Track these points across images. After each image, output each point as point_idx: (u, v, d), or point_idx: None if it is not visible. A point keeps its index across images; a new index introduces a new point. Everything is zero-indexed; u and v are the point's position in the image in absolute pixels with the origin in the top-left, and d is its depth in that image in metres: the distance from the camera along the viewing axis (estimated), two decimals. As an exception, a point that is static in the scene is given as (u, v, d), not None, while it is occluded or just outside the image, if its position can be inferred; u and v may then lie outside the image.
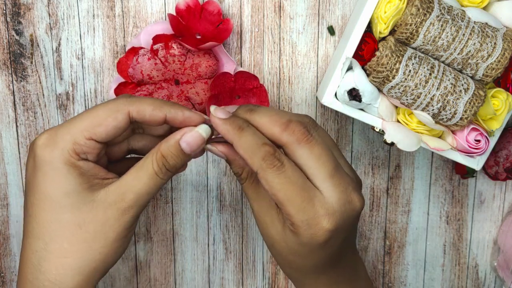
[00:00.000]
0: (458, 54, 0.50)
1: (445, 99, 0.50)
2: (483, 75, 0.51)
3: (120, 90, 0.54)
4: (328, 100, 0.51)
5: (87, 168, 0.42)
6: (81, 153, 0.41)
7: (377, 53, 0.49)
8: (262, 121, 0.43)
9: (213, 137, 0.44)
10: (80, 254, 0.42)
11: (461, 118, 0.51)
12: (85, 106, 0.56)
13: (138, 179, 0.42)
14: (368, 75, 0.50)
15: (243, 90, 0.54)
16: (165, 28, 0.54)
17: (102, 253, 0.42)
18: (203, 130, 0.43)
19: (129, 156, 0.48)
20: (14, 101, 0.56)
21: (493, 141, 0.54)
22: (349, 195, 0.43)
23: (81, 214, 0.41)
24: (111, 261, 0.43)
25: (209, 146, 0.44)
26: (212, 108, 0.43)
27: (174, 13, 0.54)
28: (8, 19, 0.54)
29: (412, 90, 0.50)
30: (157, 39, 0.53)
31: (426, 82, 0.49)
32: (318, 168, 0.42)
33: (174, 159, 0.43)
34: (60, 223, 0.41)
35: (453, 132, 0.53)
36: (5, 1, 0.54)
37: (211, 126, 0.44)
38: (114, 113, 0.42)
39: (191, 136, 0.42)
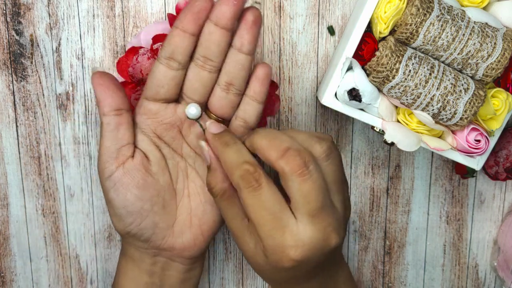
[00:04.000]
0: (458, 54, 0.50)
1: (445, 99, 0.50)
2: (483, 75, 0.51)
3: (120, 90, 0.54)
4: (328, 100, 0.51)
5: None
6: None
7: (377, 53, 0.49)
8: (261, 143, 0.43)
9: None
10: None
11: (461, 118, 0.51)
12: (85, 106, 0.56)
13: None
14: (368, 75, 0.50)
15: None
16: (165, 28, 0.54)
17: None
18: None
19: None
20: (14, 101, 0.56)
21: (493, 141, 0.54)
22: (326, 234, 0.43)
23: None
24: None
25: (203, 144, 0.46)
26: (208, 123, 0.46)
27: (174, 13, 0.54)
28: (8, 19, 0.54)
29: (412, 90, 0.50)
30: (157, 38, 0.53)
31: (426, 82, 0.49)
32: (303, 204, 0.42)
33: None
34: None
35: (453, 132, 0.53)
36: (5, 1, 0.54)
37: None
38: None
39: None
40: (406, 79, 0.49)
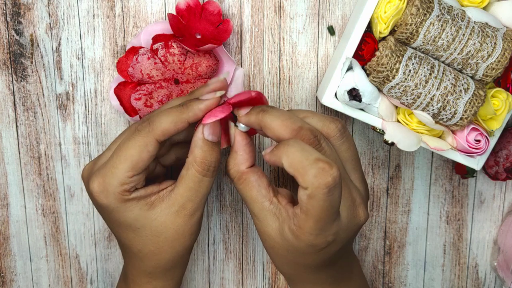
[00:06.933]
0: (458, 54, 0.50)
1: (445, 99, 0.50)
2: (483, 75, 0.51)
3: (120, 90, 0.54)
4: (328, 100, 0.51)
5: (141, 194, 0.47)
6: (130, 189, 0.46)
7: (377, 53, 0.49)
8: (273, 123, 0.44)
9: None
10: (166, 251, 0.49)
11: (461, 118, 0.51)
12: (85, 106, 0.56)
13: (190, 189, 0.46)
14: (368, 75, 0.50)
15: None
16: (165, 28, 0.54)
17: (182, 249, 0.49)
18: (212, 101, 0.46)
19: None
20: (14, 101, 0.56)
21: (493, 141, 0.54)
22: (355, 209, 0.44)
23: (155, 228, 0.47)
24: (190, 248, 0.50)
25: (243, 119, 0.46)
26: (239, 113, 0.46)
27: (174, 13, 0.54)
28: (8, 19, 0.54)
29: (412, 90, 0.50)
30: (157, 38, 0.53)
31: (426, 82, 0.49)
32: None
33: (211, 154, 0.46)
34: (141, 238, 0.48)
35: (453, 132, 0.53)
36: (5, 1, 0.54)
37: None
38: (145, 148, 0.45)
39: (208, 126, 0.45)
40: (406, 79, 0.49)
